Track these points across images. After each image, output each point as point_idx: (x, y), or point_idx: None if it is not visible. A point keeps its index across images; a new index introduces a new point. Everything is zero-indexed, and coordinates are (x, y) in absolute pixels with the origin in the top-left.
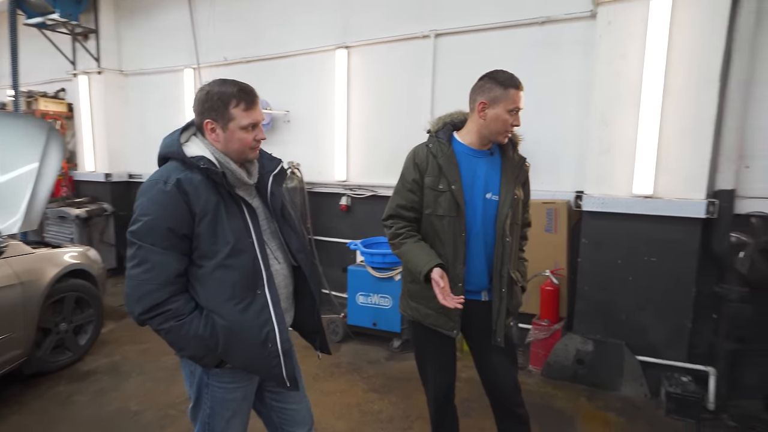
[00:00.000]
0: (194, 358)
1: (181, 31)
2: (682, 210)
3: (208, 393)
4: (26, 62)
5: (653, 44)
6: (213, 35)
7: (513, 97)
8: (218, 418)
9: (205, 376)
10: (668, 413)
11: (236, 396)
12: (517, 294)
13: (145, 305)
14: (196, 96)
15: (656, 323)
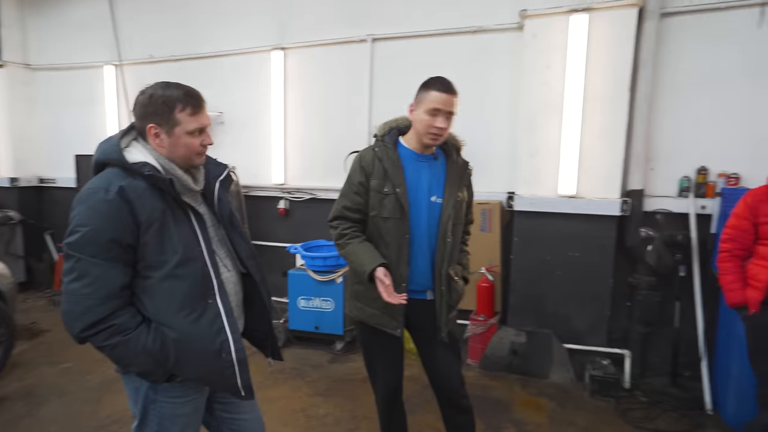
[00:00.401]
0: (142, 374)
1: (99, 25)
2: (601, 208)
3: (155, 410)
4: None
5: (573, 57)
6: (137, 30)
7: (433, 99)
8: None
9: (151, 393)
10: (592, 394)
11: (187, 410)
12: (456, 289)
13: (87, 321)
14: (138, 99)
15: (580, 313)
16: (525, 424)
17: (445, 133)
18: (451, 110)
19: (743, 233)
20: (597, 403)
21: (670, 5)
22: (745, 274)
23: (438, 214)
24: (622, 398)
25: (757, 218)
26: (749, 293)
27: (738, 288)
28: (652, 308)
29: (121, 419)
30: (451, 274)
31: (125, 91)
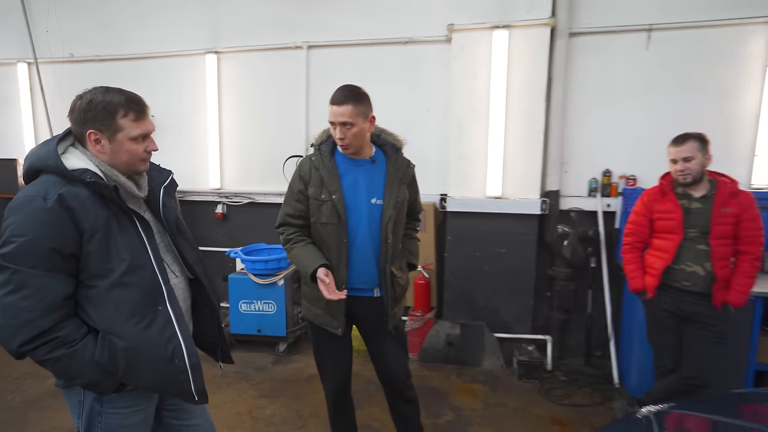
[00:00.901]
0: (89, 385)
1: (8, 19)
2: (524, 208)
3: (101, 422)
4: None
5: (496, 69)
6: (54, 27)
7: (329, 111)
8: None
9: (96, 405)
10: (519, 378)
11: (135, 420)
12: (399, 284)
13: (27, 335)
14: (76, 104)
15: (507, 304)
16: (461, 409)
17: (347, 141)
18: (343, 121)
19: (641, 228)
20: (524, 385)
21: (576, 26)
22: (643, 264)
23: (379, 216)
24: (545, 379)
25: (652, 214)
26: (647, 280)
27: (638, 276)
28: (569, 297)
29: None
30: (394, 271)
31: (42, 91)
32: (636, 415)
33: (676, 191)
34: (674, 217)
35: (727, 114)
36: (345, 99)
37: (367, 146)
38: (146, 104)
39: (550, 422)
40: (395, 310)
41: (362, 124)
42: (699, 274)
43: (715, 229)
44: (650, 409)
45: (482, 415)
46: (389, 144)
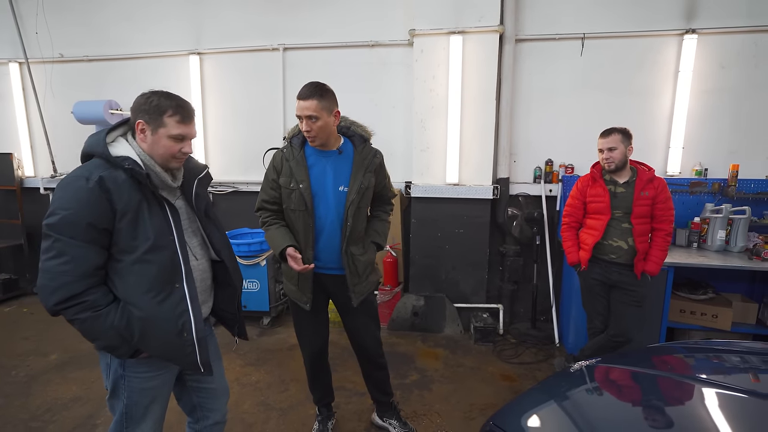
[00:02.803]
0: (108, 348)
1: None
2: (478, 193)
3: (124, 384)
4: None
5: (453, 69)
6: (43, 28)
7: (296, 106)
8: (136, 407)
9: (120, 368)
10: (476, 342)
11: (155, 384)
12: (360, 262)
13: (62, 296)
14: (137, 99)
15: (465, 278)
16: (426, 370)
17: (313, 133)
18: (308, 114)
19: (576, 210)
20: (480, 348)
21: (522, 33)
22: (578, 240)
23: (344, 202)
24: (497, 342)
25: (585, 198)
26: (581, 254)
27: (574, 251)
28: (518, 270)
29: (53, 408)
30: (353, 251)
31: (34, 90)
32: (570, 369)
33: (605, 178)
34: (603, 200)
35: (646, 112)
36: (310, 94)
37: (333, 138)
38: (194, 113)
39: (502, 378)
40: (360, 287)
41: (327, 117)
42: (623, 248)
43: (636, 210)
44: (582, 363)
45: (443, 374)
46: (358, 135)
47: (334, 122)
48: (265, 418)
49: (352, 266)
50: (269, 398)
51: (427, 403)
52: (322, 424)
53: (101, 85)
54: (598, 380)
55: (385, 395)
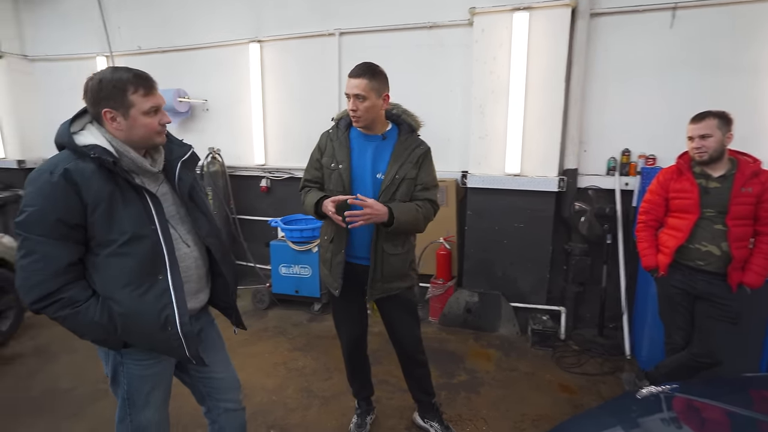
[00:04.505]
0: (96, 341)
1: (89, 17)
2: (541, 185)
3: (123, 371)
4: None
5: (516, 50)
6: (125, 23)
7: (347, 83)
8: (137, 393)
9: (118, 356)
10: (533, 345)
11: (153, 372)
12: (389, 263)
13: (37, 295)
14: (88, 85)
15: (524, 276)
16: (476, 371)
17: (359, 113)
18: (356, 93)
19: (656, 206)
20: (537, 353)
21: (598, 7)
22: (657, 242)
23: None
24: (558, 348)
25: (667, 193)
26: (660, 258)
27: (651, 254)
28: (584, 271)
29: None
30: (385, 248)
31: None
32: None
33: (694, 170)
34: (690, 196)
35: (754, 93)
36: (361, 73)
37: (380, 123)
38: (153, 80)
39: (560, 388)
40: (380, 286)
41: (375, 99)
42: (714, 254)
43: (733, 209)
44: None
45: (494, 377)
46: (406, 124)
47: (382, 106)
48: (307, 405)
49: (379, 262)
50: (312, 385)
51: (474, 408)
52: (360, 418)
53: (172, 75)
54: (679, 414)
55: (426, 395)
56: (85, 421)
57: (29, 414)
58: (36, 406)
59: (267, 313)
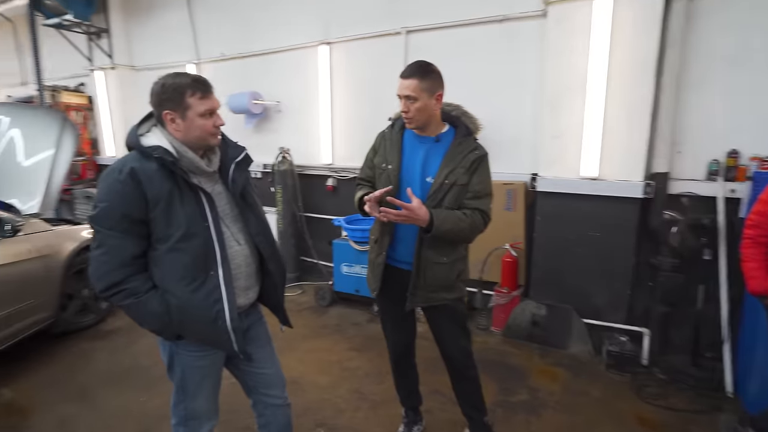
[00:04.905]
0: (154, 331)
1: (182, 29)
2: (623, 190)
3: (178, 359)
4: (51, 59)
5: (597, 40)
6: (211, 33)
7: (398, 84)
8: (190, 382)
9: (174, 346)
10: (608, 368)
11: (204, 363)
12: (432, 272)
13: (105, 284)
14: (152, 89)
15: (600, 290)
16: (538, 390)
17: (411, 115)
18: (407, 94)
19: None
20: (612, 377)
21: None
22: None
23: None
24: (638, 374)
25: None
26: None
27: (760, 276)
28: (675, 289)
29: None
30: (431, 257)
31: None
32: None
33: None
34: None
35: None
36: (411, 73)
37: (435, 124)
38: (210, 84)
39: (637, 421)
40: (421, 294)
41: (427, 99)
42: None
43: None
44: None
45: (560, 400)
46: (463, 126)
47: (435, 106)
48: (356, 407)
49: (422, 269)
50: (364, 387)
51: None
52: (407, 427)
53: (250, 78)
54: None
55: (475, 411)
56: (157, 397)
57: (116, 383)
58: (121, 377)
59: (328, 310)
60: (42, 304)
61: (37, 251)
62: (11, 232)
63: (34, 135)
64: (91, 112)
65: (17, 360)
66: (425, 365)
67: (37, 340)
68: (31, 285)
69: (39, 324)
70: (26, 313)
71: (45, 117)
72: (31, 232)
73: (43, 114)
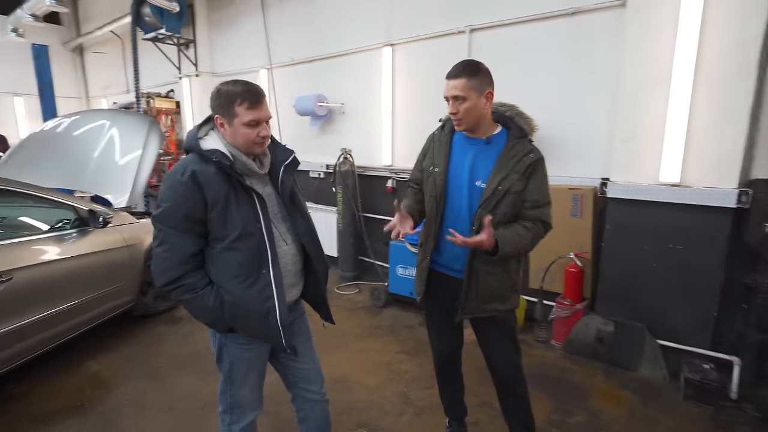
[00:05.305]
0: (208, 324)
1: (257, 36)
2: (711, 199)
3: (227, 351)
4: (148, 69)
5: (685, 27)
6: (282, 38)
7: (445, 85)
8: (237, 372)
9: (223, 338)
10: (686, 398)
11: (251, 356)
12: (484, 283)
13: (165, 279)
14: (211, 94)
15: (680, 309)
16: (600, 413)
17: (460, 116)
18: (455, 95)
19: None
20: (690, 408)
21: None
22: None
23: (478, 201)
24: (724, 408)
25: None
26: None
27: None
28: None
29: None
30: (479, 266)
31: (274, 89)
32: None
33: None
34: None
35: None
36: (458, 73)
37: (486, 125)
38: (262, 95)
39: None
40: (473, 305)
41: (476, 99)
42: None
43: None
44: None
45: (625, 427)
46: (516, 128)
47: (485, 105)
48: (401, 411)
49: (474, 280)
50: (411, 392)
51: None
52: None
53: (317, 81)
54: None
55: (523, 429)
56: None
57: (182, 366)
58: (188, 361)
59: (382, 311)
60: (126, 289)
61: (123, 241)
62: (103, 223)
63: (128, 136)
64: (178, 116)
65: (104, 337)
66: (474, 374)
67: (120, 321)
68: (117, 271)
69: (122, 307)
70: (113, 295)
71: (137, 121)
72: (120, 224)
73: (136, 118)
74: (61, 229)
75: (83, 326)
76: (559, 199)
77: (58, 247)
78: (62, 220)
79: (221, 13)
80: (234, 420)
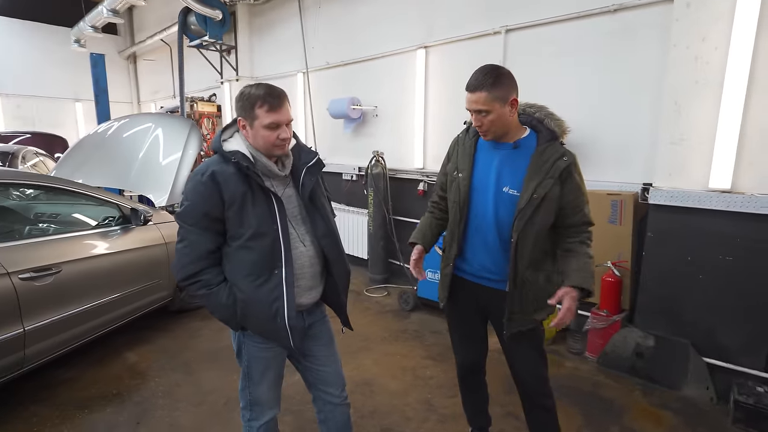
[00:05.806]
0: (222, 320)
1: (294, 41)
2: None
3: (245, 348)
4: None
5: (741, 22)
6: (318, 43)
7: (466, 98)
8: (255, 370)
9: (242, 336)
10: (735, 422)
11: (267, 355)
12: (530, 293)
13: (183, 274)
14: (236, 96)
15: (729, 326)
16: None
17: (485, 128)
18: (477, 109)
19: None
20: None
21: None
22: None
23: (512, 208)
24: None
25: None
26: None
27: None
28: None
29: None
30: (529, 277)
31: (309, 93)
32: None
33: None
34: None
35: None
36: (478, 85)
37: (513, 130)
38: (283, 98)
39: None
40: (519, 318)
41: (500, 109)
42: None
43: None
44: None
45: None
46: (546, 130)
47: (511, 112)
48: (424, 418)
49: (518, 290)
50: (435, 399)
51: None
52: None
53: (351, 84)
54: None
55: None
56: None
57: (212, 360)
58: (217, 356)
59: (410, 315)
60: (164, 284)
61: (162, 238)
62: (143, 221)
63: (170, 138)
64: (219, 119)
65: (142, 329)
66: (499, 383)
67: (158, 315)
68: (156, 267)
69: (160, 301)
70: (152, 290)
71: (179, 124)
72: (159, 222)
73: (178, 122)
74: (106, 225)
75: (123, 318)
76: (596, 205)
77: (103, 242)
78: (108, 217)
79: (261, 19)
80: (253, 417)
